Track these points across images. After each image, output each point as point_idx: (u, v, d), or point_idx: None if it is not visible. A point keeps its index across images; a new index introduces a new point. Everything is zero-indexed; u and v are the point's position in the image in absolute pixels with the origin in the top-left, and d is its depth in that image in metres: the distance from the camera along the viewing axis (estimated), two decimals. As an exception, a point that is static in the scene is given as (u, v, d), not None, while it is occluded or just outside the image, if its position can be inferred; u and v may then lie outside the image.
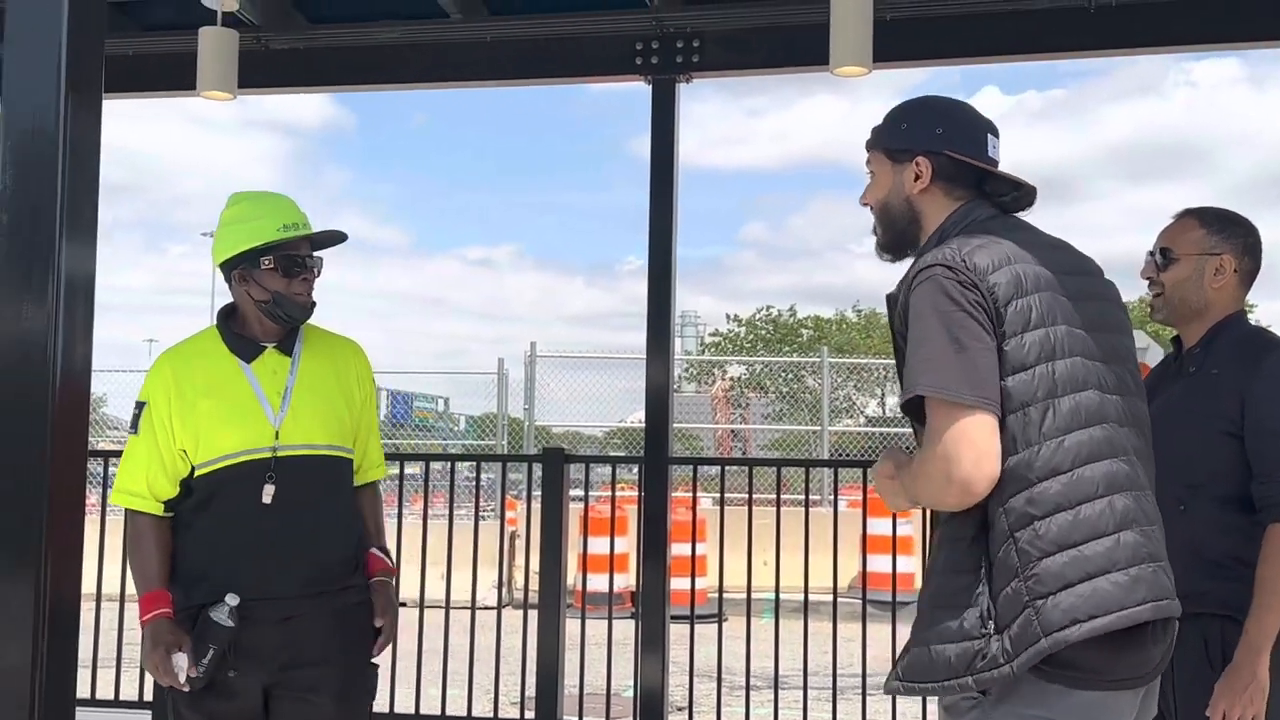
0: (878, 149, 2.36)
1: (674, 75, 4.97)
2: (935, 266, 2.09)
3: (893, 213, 2.33)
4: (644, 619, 5.21)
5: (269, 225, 2.91)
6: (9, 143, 2.01)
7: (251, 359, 2.93)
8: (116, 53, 5.36)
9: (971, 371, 2.01)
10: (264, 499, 2.82)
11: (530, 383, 15.99)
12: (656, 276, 5.10)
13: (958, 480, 2.00)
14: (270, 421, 2.87)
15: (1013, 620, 1.99)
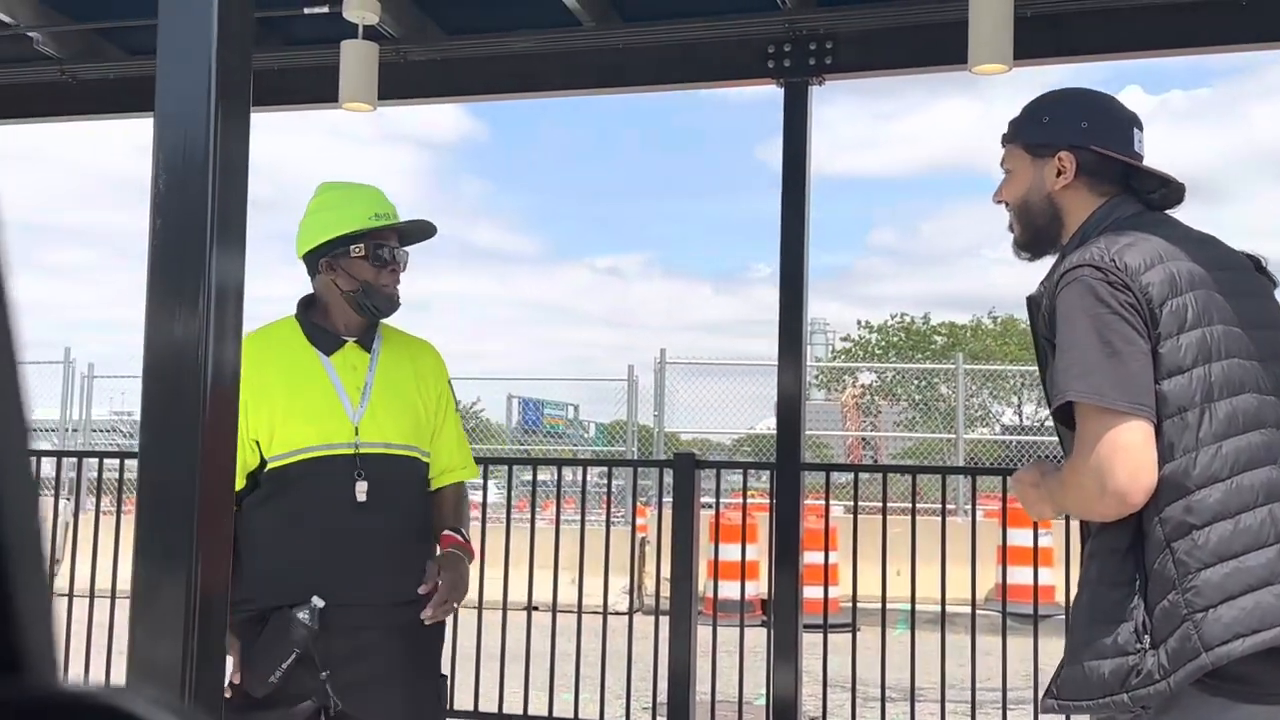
0: (1016, 143, 2.27)
1: (806, 78, 4.92)
2: (1083, 267, 2.01)
3: (1032, 210, 2.24)
4: (776, 627, 5.16)
5: (361, 213, 2.82)
6: (162, 152, 2.07)
7: (331, 352, 2.82)
8: (264, 67, 5.51)
9: (1125, 377, 1.93)
10: (358, 497, 2.70)
11: (660, 389, 16.02)
12: (788, 281, 5.05)
13: (1112, 492, 1.93)
14: (350, 417, 2.76)
15: (1170, 634, 1.92)
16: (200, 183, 2.05)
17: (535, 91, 5.52)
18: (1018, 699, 5.61)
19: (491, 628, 5.86)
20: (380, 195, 2.90)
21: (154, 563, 2.06)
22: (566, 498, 11.19)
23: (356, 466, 2.72)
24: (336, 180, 2.99)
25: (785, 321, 5.08)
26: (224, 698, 2.53)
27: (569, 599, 5.98)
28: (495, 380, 19.94)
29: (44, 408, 19.44)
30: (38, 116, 6.13)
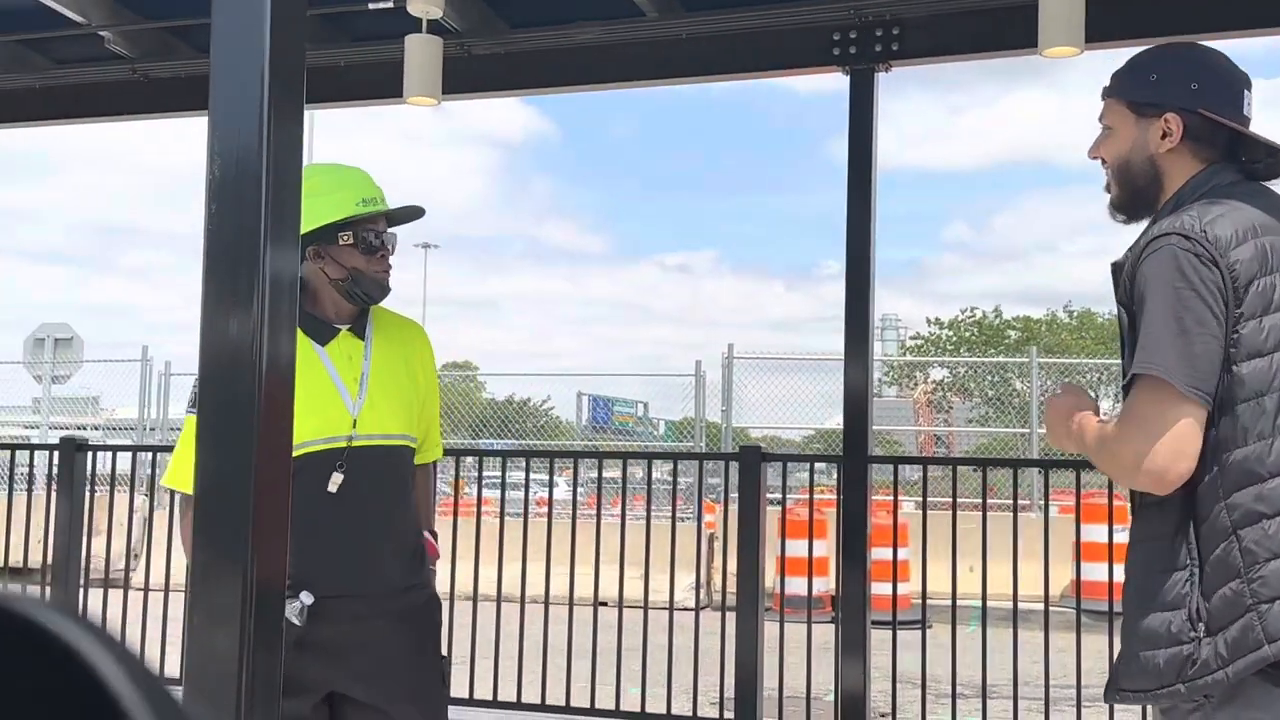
0: (1119, 99, 2.15)
1: (872, 65, 4.85)
2: (1171, 235, 1.93)
3: (1133, 171, 2.13)
4: (844, 623, 5.10)
5: (348, 199, 2.75)
6: (216, 150, 2.06)
7: (325, 342, 2.75)
8: (328, 63, 5.55)
9: (1190, 358, 1.87)
10: (329, 487, 2.65)
11: (727, 385, 15.96)
12: (854, 272, 4.98)
13: (1149, 471, 1.88)
14: (349, 410, 2.71)
15: (1230, 623, 1.85)
16: (254, 179, 2.05)
17: (599, 83, 5.50)
18: (1093, 696, 5.49)
19: (557, 622, 5.86)
20: (367, 178, 2.84)
21: (211, 553, 2.06)
22: (635, 495, 11.20)
23: (340, 459, 2.66)
24: (322, 163, 2.92)
25: (851, 313, 5.02)
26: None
27: (637, 595, 5.96)
28: (565, 377, 19.99)
29: (124, 407, 19.84)
30: (110, 116, 6.22)
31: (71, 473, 6.54)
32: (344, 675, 2.66)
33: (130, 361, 17.87)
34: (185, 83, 5.69)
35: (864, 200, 4.95)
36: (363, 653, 2.66)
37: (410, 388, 2.85)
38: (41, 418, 18.40)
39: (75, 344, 18.36)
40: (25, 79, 5.98)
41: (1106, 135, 2.17)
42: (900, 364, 37.10)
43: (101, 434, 19.05)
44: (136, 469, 8.21)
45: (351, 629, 2.65)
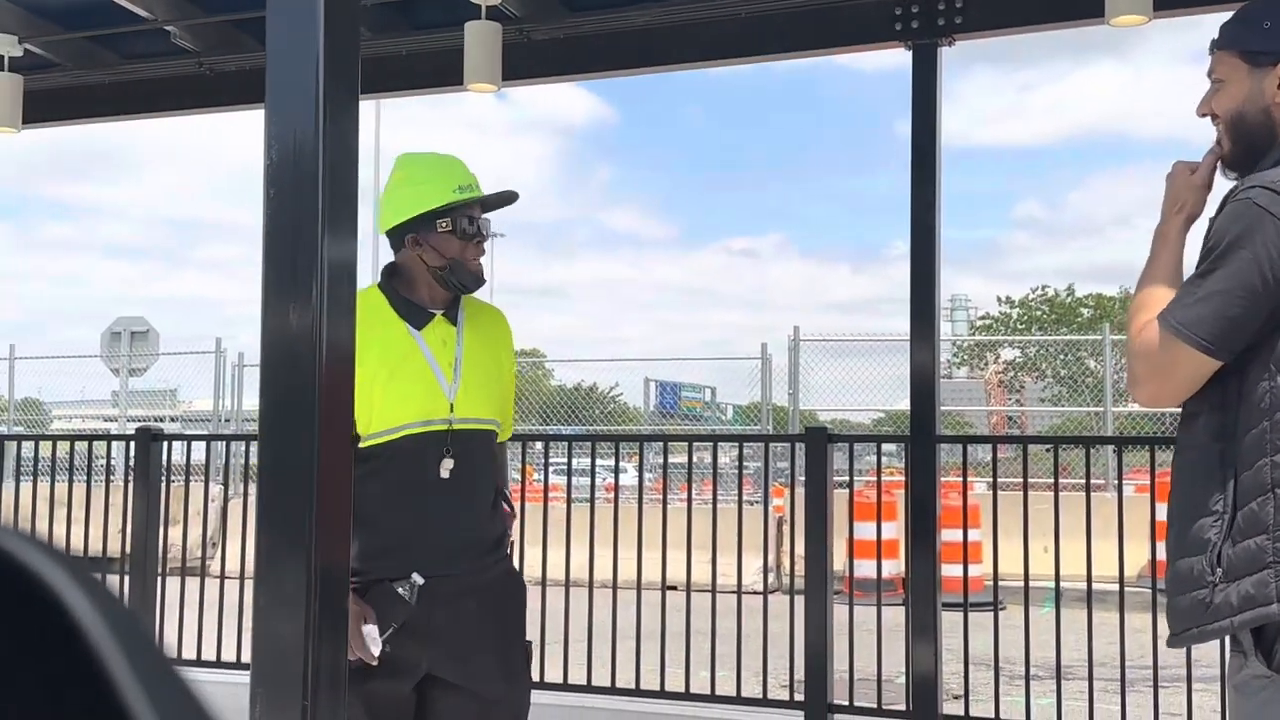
0: (1231, 50, 2.08)
1: (935, 39, 4.77)
2: (1256, 189, 1.90)
3: (1248, 123, 2.06)
4: (914, 605, 5.06)
5: (445, 187, 2.77)
6: (273, 141, 2.07)
7: (421, 326, 2.79)
8: (389, 52, 5.58)
9: (1218, 319, 1.88)
10: (442, 473, 2.70)
11: (794, 368, 15.88)
12: (919, 251, 4.92)
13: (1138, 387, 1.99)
14: (445, 394, 2.75)
15: (1247, 575, 1.84)
16: (310, 168, 2.06)
17: (659, 65, 5.47)
18: (1170, 678, 5.39)
19: (626, 606, 5.86)
20: (462, 166, 2.87)
21: (275, 540, 2.08)
22: (703, 479, 11.18)
23: (446, 443, 2.72)
24: (416, 152, 2.93)
25: (917, 293, 4.96)
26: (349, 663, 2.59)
27: (705, 579, 5.95)
28: (631, 363, 20.00)
29: (201, 399, 20.17)
30: (177, 110, 6.31)
31: (147, 463, 6.65)
32: (440, 655, 2.70)
33: (204, 354, 18.18)
34: (250, 75, 5.74)
35: (929, 179, 4.88)
36: (455, 632, 2.71)
37: (497, 373, 2.90)
38: (120, 410, 18.77)
39: (151, 337, 18.68)
40: (96, 75, 6.08)
41: (1217, 89, 2.10)
42: (970, 344, 36.70)
43: (179, 426, 19.40)
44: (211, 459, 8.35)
45: (447, 609, 2.70)
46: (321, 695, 1.99)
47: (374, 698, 2.62)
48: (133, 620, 0.50)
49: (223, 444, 11.21)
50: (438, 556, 2.70)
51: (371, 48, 5.41)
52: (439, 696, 2.72)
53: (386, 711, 2.65)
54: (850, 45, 5.17)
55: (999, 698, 5.21)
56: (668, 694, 5.78)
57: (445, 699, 2.72)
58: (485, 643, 2.76)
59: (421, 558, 2.68)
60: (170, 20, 5.50)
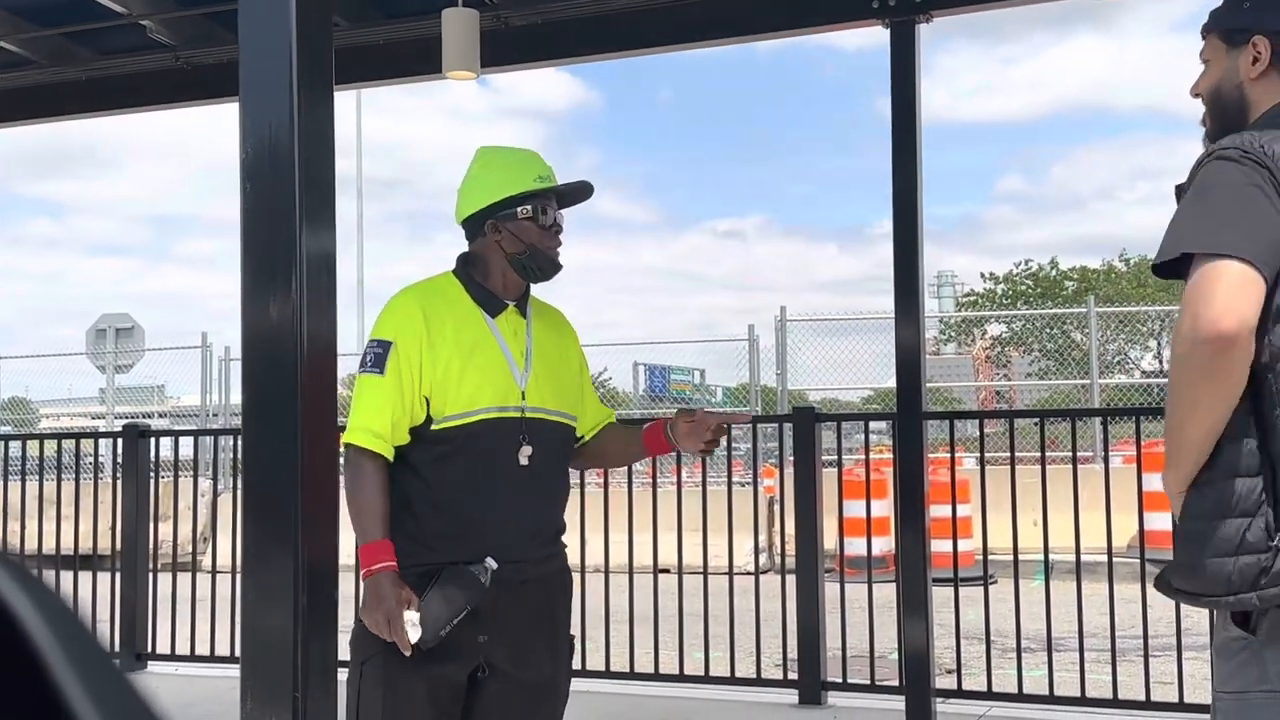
0: (1214, 31, 2.14)
1: (913, 16, 4.77)
2: (1229, 149, 1.89)
3: (1223, 100, 2.10)
4: (905, 581, 5.08)
5: (526, 175, 2.81)
6: (248, 134, 2.07)
7: (495, 314, 2.82)
8: (366, 42, 5.56)
9: (1242, 229, 1.81)
10: (521, 460, 2.74)
11: (781, 348, 15.89)
12: (902, 230, 4.93)
13: (1205, 329, 1.78)
14: (517, 382, 2.79)
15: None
16: (286, 160, 2.06)
17: (637, 49, 5.46)
18: (1161, 646, 5.43)
19: (619, 589, 5.88)
20: (540, 158, 2.91)
21: (262, 533, 2.08)
22: (694, 462, 11.19)
23: (522, 430, 2.75)
24: (494, 145, 2.98)
25: (900, 270, 4.97)
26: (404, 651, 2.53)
27: (698, 560, 5.96)
28: (619, 347, 19.96)
29: (189, 394, 20.12)
30: (154, 105, 6.28)
31: (136, 459, 6.64)
32: (497, 642, 2.72)
33: (190, 348, 18.12)
34: (227, 68, 5.69)
35: (909, 156, 4.89)
36: (514, 619, 2.75)
37: (565, 368, 2.96)
38: (107, 408, 18.72)
39: (136, 333, 18.61)
40: (72, 72, 6.04)
41: (1203, 71, 2.15)
42: (957, 321, 36.76)
43: (168, 421, 19.33)
44: (199, 454, 8.33)
45: (511, 595, 2.73)
46: (312, 686, 2.00)
47: (437, 679, 2.63)
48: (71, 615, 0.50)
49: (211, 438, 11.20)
50: (510, 543, 2.73)
51: (348, 37, 5.38)
52: (488, 682, 2.73)
53: (445, 693, 2.66)
54: (828, 24, 5.16)
55: (991, 671, 5.24)
56: (662, 676, 5.80)
57: (495, 685, 2.74)
58: (539, 631, 2.81)
59: (495, 543, 2.70)
60: (145, 14, 5.47)
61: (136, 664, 6.49)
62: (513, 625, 2.74)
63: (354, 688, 2.56)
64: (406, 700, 2.57)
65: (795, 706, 5.45)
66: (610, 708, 5.58)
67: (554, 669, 2.84)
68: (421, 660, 2.55)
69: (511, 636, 2.74)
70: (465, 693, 2.72)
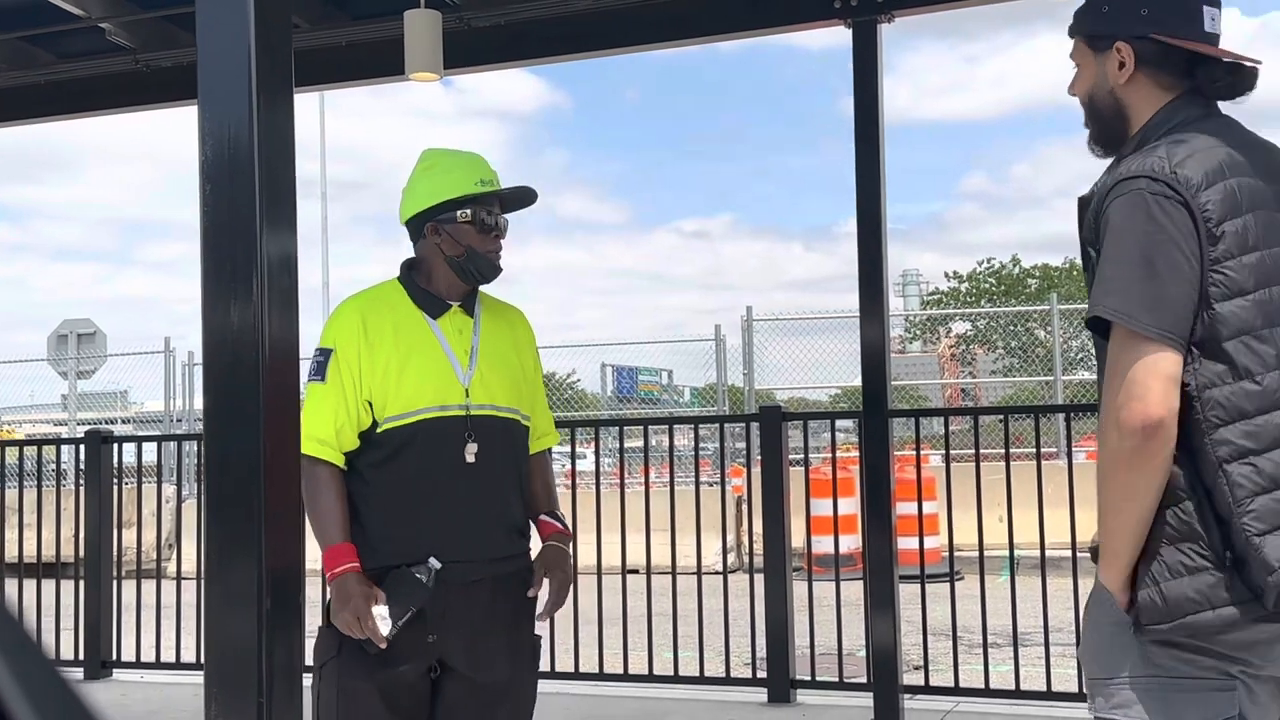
0: (1079, 34, 2.13)
1: (874, 16, 4.79)
2: (1140, 179, 1.89)
3: (1098, 106, 2.10)
4: (872, 578, 5.10)
5: (467, 179, 2.85)
6: (207, 136, 2.05)
7: (437, 315, 2.86)
8: (329, 44, 5.53)
9: (1162, 301, 1.84)
10: (467, 458, 2.75)
11: (748, 348, 15.91)
12: (866, 229, 4.96)
13: (1137, 420, 1.83)
14: (460, 380, 2.81)
15: (1241, 553, 1.83)
16: (246, 163, 2.04)
17: (600, 50, 5.46)
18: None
19: (588, 591, 5.87)
20: (484, 162, 2.94)
21: (224, 538, 2.07)
22: (662, 462, 11.20)
23: (467, 428, 2.76)
24: (439, 147, 3.02)
25: (865, 269, 4.99)
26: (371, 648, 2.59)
27: (666, 560, 5.97)
28: (587, 348, 19.95)
29: (153, 400, 19.95)
30: (115, 108, 6.22)
31: (98, 466, 6.58)
32: (451, 641, 2.73)
33: (153, 354, 17.96)
34: (187, 71, 5.63)
35: (872, 155, 4.91)
36: (467, 619, 2.75)
37: (517, 365, 2.96)
38: (69, 414, 18.54)
39: (98, 339, 18.44)
40: (30, 75, 5.98)
41: (1076, 73, 2.16)
42: (922, 319, 36.94)
43: (132, 428, 19.15)
44: (163, 459, 8.26)
45: (462, 595, 2.73)
46: (277, 691, 1.99)
47: (388, 681, 2.67)
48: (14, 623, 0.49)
49: (175, 444, 11.11)
50: (456, 542, 2.74)
51: (309, 39, 5.36)
52: (446, 682, 2.77)
53: (400, 694, 2.69)
54: (790, 24, 5.18)
55: (958, 667, 5.27)
56: (631, 677, 5.79)
57: (452, 685, 2.76)
58: (495, 631, 2.80)
59: (441, 543, 2.72)
60: (105, 17, 5.42)
61: (102, 672, 6.43)
62: (466, 626, 2.74)
63: (315, 691, 2.67)
64: (361, 701, 2.62)
65: (764, 705, 5.47)
66: (579, 709, 5.57)
67: (512, 671, 2.83)
68: (372, 663, 2.60)
69: (466, 637, 2.74)
70: (428, 694, 2.75)
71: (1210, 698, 1.88)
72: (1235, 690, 1.88)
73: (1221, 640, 1.86)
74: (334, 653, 2.65)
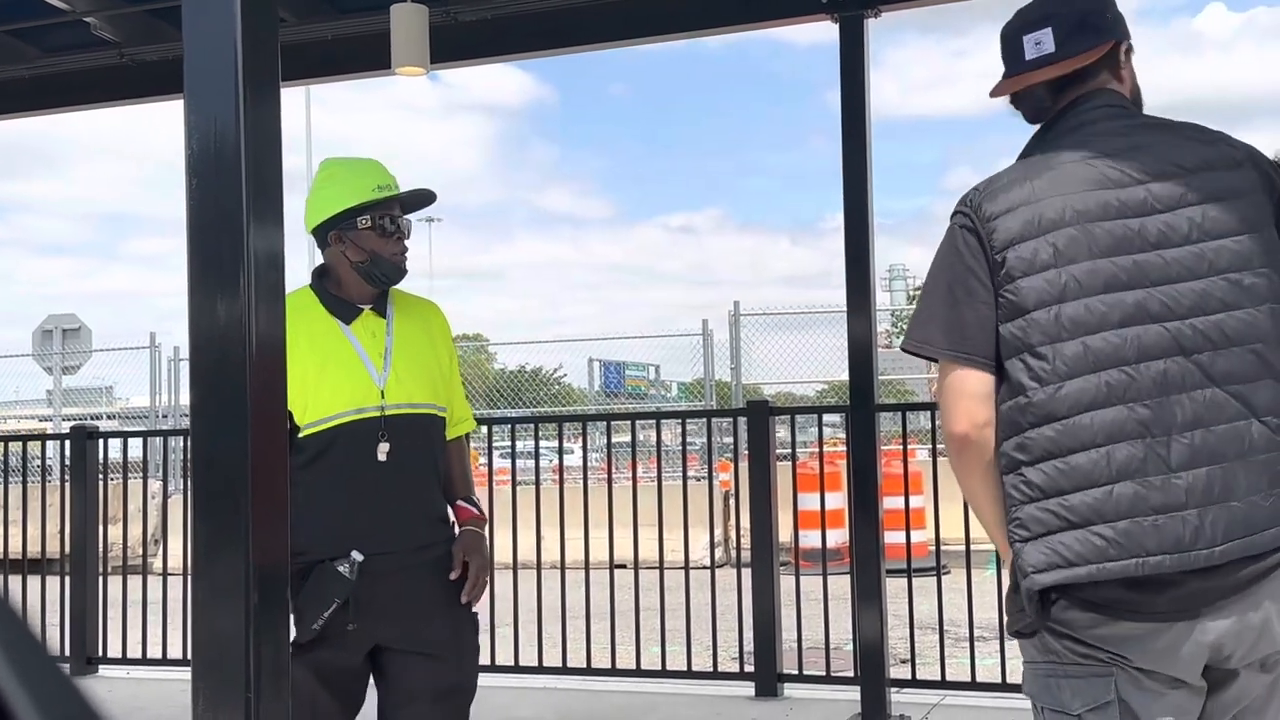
0: None
1: (861, 11, 4.80)
2: (956, 213, 2.11)
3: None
4: (859, 572, 5.11)
5: (365, 185, 2.94)
6: (194, 130, 2.04)
7: (350, 320, 2.95)
8: (315, 38, 5.52)
9: (959, 325, 2.03)
10: (379, 456, 2.86)
11: (735, 342, 15.93)
12: (853, 223, 4.96)
13: (949, 437, 2.04)
14: (375, 382, 2.90)
15: (1017, 556, 2.00)
16: (232, 157, 2.04)
17: (586, 44, 5.45)
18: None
19: (575, 586, 5.88)
20: (381, 167, 3.03)
21: (211, 533, 2.06)
22: (650, 457, 11.21)
23: (380, 428, 2.87)
24: (338, 156, 3.12)
25: (852, 264, 5.00)
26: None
27: (654, 555, 5.97)
28: (575, 343, 19.95)
29: (138, 395, 19.89)
30: (100, 103, 6.21)
31: (84, 461, 6.56)
32: (385, 626, 2.85)
33: (138, 349, 17.91)
34: (173, 65, 5.61)
35: (859, 150, 4.92)
36: (400, 603, 2.87)
37: (433, 360, 3.05)
38: (54, 410, 18.46)
39: (84, 334, 18.38)
40: (15, 70, 5.96)
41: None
42: (909, 314, 37.00)
43: (117, 423, 19.09)
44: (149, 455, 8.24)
45: (389, 583, 2.84)
46: (265, 687, 1.98)
47: (322, 668, 2.79)
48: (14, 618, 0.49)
49: (161, 439, 11.06)
50: (378, 535, 2.84)
51: (296, 34, 5.34)
52: (389, 660, 2.90)
53: (336, 680, 2.82)
54: (777, 19, 5.18)
55: (945, 660, 5.28)
56: (619, 671, 5.80)
57: (395, 661, 2.89)
58: (432, 611, 2.92)
59: (362, 537, 2.82)
60: (90, 11, 5.40)
61: (88, 668, 6.42)
62: (401, 610, 2.87)
63: None
64: (300, 686, 2.68)
65: (751, 699, 5.48)
66: (567, 703, 5.58)
67: (455, 643, 2.96)
68: (305, 651, 2.71)
69: (401, 620, 2.87)
70: (366, 674, 2.91)
71: (1089, 684, 1.98)
72: (1111, 677, 1.96)
73: (1091, 634, 1.95)
74: None
